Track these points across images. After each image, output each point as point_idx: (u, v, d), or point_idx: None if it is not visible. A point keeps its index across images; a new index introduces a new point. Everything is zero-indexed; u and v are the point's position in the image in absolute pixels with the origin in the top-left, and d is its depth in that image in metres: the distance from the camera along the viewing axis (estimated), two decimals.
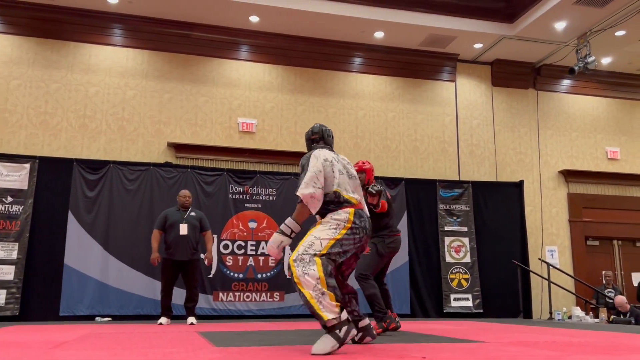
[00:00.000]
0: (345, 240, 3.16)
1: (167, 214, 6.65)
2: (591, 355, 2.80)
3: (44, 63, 8.46)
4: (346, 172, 3.44)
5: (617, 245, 10.57)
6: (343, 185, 3.33)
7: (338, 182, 3.30)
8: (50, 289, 7.39)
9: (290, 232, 3.19)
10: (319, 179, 3.22)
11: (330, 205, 3.27)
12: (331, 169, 3.31)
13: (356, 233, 3.22)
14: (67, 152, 8.21)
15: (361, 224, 3.26)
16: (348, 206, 3.27)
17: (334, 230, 3.16)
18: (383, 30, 9.23)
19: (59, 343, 3.55)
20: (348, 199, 3.30)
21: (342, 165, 3.44)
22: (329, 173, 3.30)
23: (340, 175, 3.35)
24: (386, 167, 9.50)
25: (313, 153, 3.36)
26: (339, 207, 3.25)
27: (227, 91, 9.12)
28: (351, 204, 3.29)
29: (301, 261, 3.01)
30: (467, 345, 3.49)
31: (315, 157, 3.30)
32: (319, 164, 3.26)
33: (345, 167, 3.46)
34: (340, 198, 3.28)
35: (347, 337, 2.91)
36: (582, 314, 8.31)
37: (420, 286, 8.84)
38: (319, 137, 3.60)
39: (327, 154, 3.39)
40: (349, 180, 3.42)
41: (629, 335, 4.51)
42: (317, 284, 2.93)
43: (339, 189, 3.30)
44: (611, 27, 8.92)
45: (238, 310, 8.00)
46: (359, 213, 3.28)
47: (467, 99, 10.23)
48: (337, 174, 3.32)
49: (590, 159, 10.62)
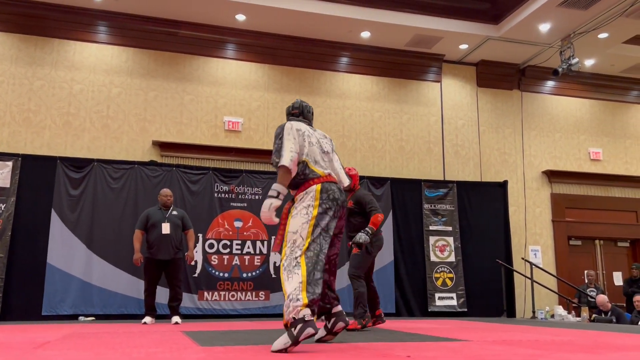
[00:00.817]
0: (320, 219, 3.21)
1: (149, 213, 6.61)
2: (573, 354, 2.83)
3: (27, 60, 8.36)
4: (318, 145, 3.50)
5: (599, 245, 10.71)
6: (312, 155, 3.40)
7: (307, 152, 3.38)
8: (32, 288, 7.30)
9: (277, 194, 3.26)
10: (295, 147, 3.34)
11: (297, 176, 3.34)
12: (302, 139, 3.41)
13: (328, 207, 3.26)
14: (50, 150, 8.12)
15: (329, 196, 3.29)
16: (313, 180, 3.32)
17: (306, 216, 3.20)
18: (369, 30, 9.26)
19: (41, 343, 3.51)
20: (314, 171, 3.35)
21: (315, 139, 3.51)
22: (300, 142, 3.39)
23: (310, 147, 3.42)
24: (372, 166, 9.53)
25: (287, 124, 3.45)
26: (305, 180, 3.33)
27: (213, 90, 9.08)
28: (317, 176, 3.34)
29: (287, 266, 3.12)
30: (451, 344, 3.51)
31: (287, 128, 3.41)
32: (293, 132, 3.38)
33: (319, 140, 3.54)
34: (306, 170, 3.35)
35: (301, 334, 2.93)
36: (565, 313, 8.41)
37: (405, 285, 8.88)
38: (298, 112, 3.72)
39: (300, 125, 3.49)
40: (320, 152, 3.48)
41: (610, 333, 4.57)
42: (297, 288, 3.02)
43: (307, 158, 3.37)
44: (594, 29, 9.03)
45: (223, 309, 7.97)
46: (325, 187, 3.31)
47: (453, 99, 10.29)
48: (307, 144, 3.41)
49: (573, 160, 10.75)
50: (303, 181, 3.33)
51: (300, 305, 2.97)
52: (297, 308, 2.97)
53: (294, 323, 2.96)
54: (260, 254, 8.30)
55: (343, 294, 7.65)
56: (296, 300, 2.99)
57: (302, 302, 2.98)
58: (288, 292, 3.03)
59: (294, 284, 3.03)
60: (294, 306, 2.98)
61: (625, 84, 11.19)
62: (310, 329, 2.95)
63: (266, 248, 8.32)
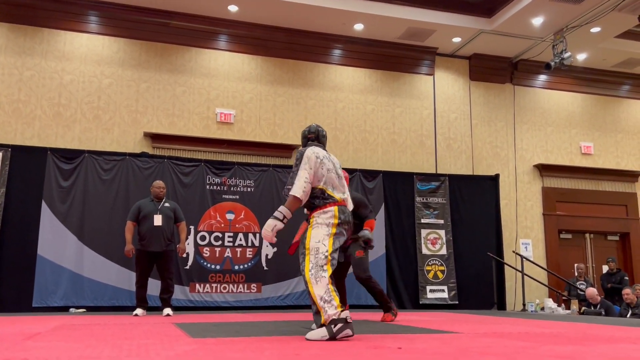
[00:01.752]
0: (337, 235, 3.51)
1: (141, 205, 6.58)
2: (563, 346, 2.85)
3: (16, 50, 8.27)
4: (335, 171, 3.70)
5: (589, 239, 10.79)
6: (330, 182, 3.61)
7: (325, 180, 3.59)
8: (23, 280, 7.26)
9: (282, 218, 3.50)
10: (310, 177, 3.53)
11: (315, 200, 3.56)
12: (321, 167, 3.60)
13: (344, 227, 3.56)
14: (40, 141, 8.06)
15: (345, 218, 3.56)
16: (331, 203, 3.55)
17: (327, 229, 3.47)
18: (363, 23, 9.23)
19: (31, 334, 3.49)
20: (332, 196, 3.58)
21: (332, 164, 3.70)
22: (318, 170, 3.58)
23: (329, 173, 3.62)
24: (364, 159, 9.53)
25: (307, 149, 3.64)
26: (323, 203, 3.55)
27: (205, 81, 9.03)
28: (335, 201, 3.57)
29: (315, 273, 3.33)
30: (442, 335, 3.53)
31: (307, 156, 3.59)
32: (311, 162, 3.56)
33: (334, 166, 3.73)
34: (324, 194, 3.57)
35: (340, 333, 3.15)
36: (555, 306, 8.47)
37: (396, 278, 8.91)
38: (314, 137, 3.88)
39: (319, 151, 3.66)
40: (336, 178, 3.68)
41: (599, 326, 4.61)
42: (327, 290, 3.26)
43: (325, 186, 3.58)
44: (587, 23, 9.05)
45: (215, 301, 7.97)
46: (342, 209, 3.58)
47: (445, 92, 10.30)
48: (325, 172, 3.60)
49: (565, 154, 10.80)
50: (321, 204, 3.56)
51: (336, 305, 3.22)
52: (336, 310, 3.20)
53: (335, 321, 3.18)
54: (252, 246, 8.29)
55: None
56: (330, 301, 3.23)
57: (335, 302, 3.23)
58: (319, 294, 3.26)
59: (323, 287, 3.27)
60: (329, 306, 3.21)
61: (616, 79, 11.24)
62: (349, 331, 3.20)
63: (258, 240, 8.32)
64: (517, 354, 2.46)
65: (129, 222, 6.51)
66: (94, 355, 2.40)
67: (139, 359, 2.27)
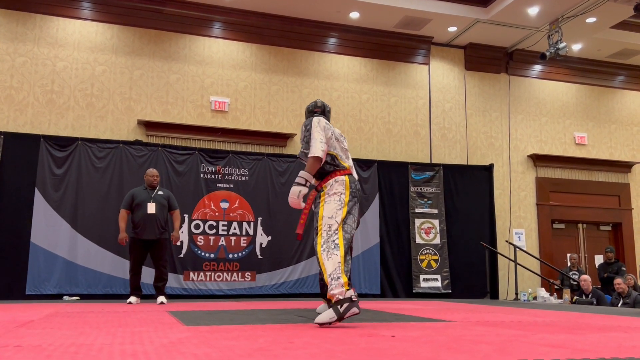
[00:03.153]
0: (351, 206, 3.53)
1: (134, 193, 6.54)
2: (555, 334, 2.88)
3: (8, 36, 8.19)
4: (340, 142, 3.74)
5: (582, 229, 10.85)
6: (337, 150, 3.66)
7: (335, 146, 3.65)
8: (16, 268, 7.25)
9: (305, 182, 3.50)
10: (324, 138, 3.58)
11: (326, 166, 3.60)
12: (330, 134, 3.66)
13: (355, 196, 3.59)
14: (33, 128, 8.01)
15: (356, 187, 3.62)
16: (341, 172, 3.59)
17: (339, 202, 3.47)
18: (358, 11, 9.18)
19: (24, 322, 3.49)
20: (342, 164, 3.62)
21: (336, 136, 3.73)
22: (328, 136, 3.63)
23: (336, 142, 3.68)
24: (359, 149, 9.53)
25: (314, 118, 3.69)
26: (334, 170, 3.59)
27: (200, 69, 8.98)
28: (344, 168, 3.62)
29: (327, 248, 3.35)
30: (435, 324, 3.55)
31: (316, 123, 3.63)
32: (321, 126, 3.62)
33: (338, 138, 3.76)
34: (335, 161, 3.61)
35: (347, 313, 3.19)
36: (547, 295, 8.53)
37: (390, 267, 8.95)
38: (320, 111, 3.94)
39: (325, 121, 3.71)
40: (341, 148, 3.72)
41: (590, 315, 4.64)
42: (337, 268, 3.27)
43: (335, 152, 3.63)
44: (582, 13, 9.04)
45: (209, 290, 7.99)
46: (352, 179, 3.63)
47: (440, 82, 10.29)
48: (334, 139, 3.67)
49: (559, 144, 10.83)
50: (331, 171, 3.59)
51: (343, 283, 3.23)
52: (342, 288, 3.22)
53: (341, 301, 3.20)
54: (246, 235, 8.29)
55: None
56: (337, 279, 3.24)
57: (343, 280, 3.24)
58: (329, 271, 3.28)
59: (334, 263, 3.28)
60: (336, 284, 3.23)
61: (611, 69, 11.25)
62: (355, 309, 3.22)
63: (252, 229, 8.32)
64: (509, 342, 2.48)
65: (123, 210, 6.48)
66: (87, 342, 2.40)
67: (132, 346, 2.27)
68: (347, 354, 2.03)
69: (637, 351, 2.19)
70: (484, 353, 2.10)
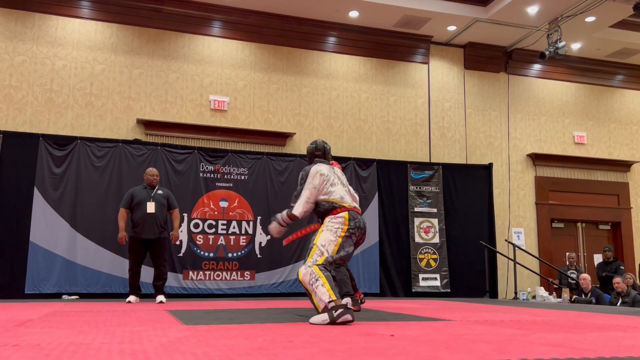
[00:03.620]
0: (345, 242, 3.75)
1: (134, 192, 6.53)
2: (554, 333, 2.88)
3: (7, 34, 8.18)
4: (339, 182, 4.00)
5: (581, 228, 10.85)
6: (338, 194, 3.88)
7: (332, 193, 3.87)
8: (15, 267, 7.24)
9: (285, 225, 4.01)
10: (312, 197, 3.87)
11: (325, 205, 3.87)
12: (327, 183, 3.89)
13: (353, 234, 3.79)
14: (32, 127, 8.00)
15: (356, 224, 3.81)
16: (341, 209, 3.82)
17: (334, 235, 3.73)
18: (358, 10, 9.18)
19: (23, 321, 3.49)
20: (341, 204, 3.84)
21: (336, 177, 4.00)
22: (324, 187, 3.88)
23: (334, 187, 3.91)
24: (358, 148, 9.52)
25: (312, 168, 3.95)
26: (333, 209, 3.83)
27: (199, 68, 8.97)
28: (344, 207, 3.83)
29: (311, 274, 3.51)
30: (434, 323, 3.55)
31: (312, 175, 3.90)
32: (315, 181, 3.88)
33: (339, 177, 4.03)
34: (334, 205, 3.84)
35: (340, 318, 3.28)
36: (546, 294, 8.53)
37: (389, 266, 8.95)
38: (321, 154, 4.18)
39: (324, 168, 3.96)
40: (342, 188, 3.97)
41: (589, 314, 4.65)
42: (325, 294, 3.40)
43: (334, 198, 3.86)
44: (582, 12, 9.04)
45: (208, 289, 7.99)
46: (352, 215, 3.81)
47: (440, 81, 10.28)
48: (330, 187, 3.89)
49: (558, 143, 10.83)
50: (331, 210, 3.84)
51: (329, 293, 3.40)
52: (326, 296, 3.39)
53: (335, 307, 3.32)
54: (245, 234, 8.29)
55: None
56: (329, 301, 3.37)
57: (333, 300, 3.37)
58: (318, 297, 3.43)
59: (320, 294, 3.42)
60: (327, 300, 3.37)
61: (610, 68, 11.25)
62: (349, 316, 3.31)
63: (252, 228, 8.32)
64: (508, 341, 2.48)
65: (122, 209, 6.47)
66: (86, 341, 2.40)
67: (131, 345, 2.27)
68: (346, 353, 2.04)
69: (636, 350, 2.20)
70: (483, 352, 2.10)
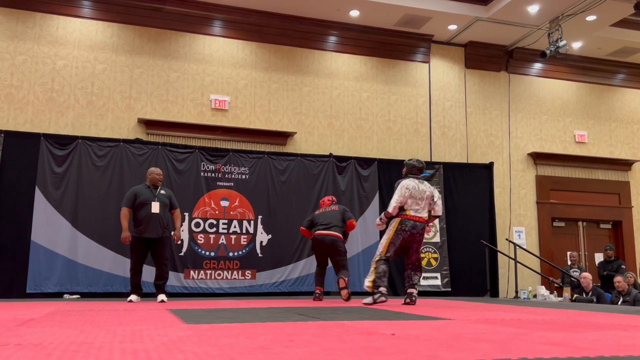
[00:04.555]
0: (394, 238, 5.57)
1: (137, 191, 6.49)
2: (554, 332, 2.88)
3: (8, 34, 8.19)
4: (418, 195, 5.61)
5: (582, 227, 10.85)
6: (410, 205, 5.59)
7: (408, 204, 5.58)
8: (16, 266, 7.26)
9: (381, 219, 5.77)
10: (400, 200, 5.58)
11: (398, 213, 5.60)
12: (408, 194, 5.58)
13: (400, 234, 5.56)
14: (33, 127, 8.01)
15: (404, 227, 5.55)
16: (400, 216, 5.57)
17: (386, 237, 5.62)
18: (358, 9, 9.18)
19: (25, 320, 3.49)
20: (405, 210, 5.58)
21: (417, 191, 5.61)
22: (406, 196, 5.58)
23: (410, 199, 5.58)
24: (359, 147, 9.53)
25: (403, 182, 5.65)
26: (396, 216, 5.58)
27: (200, 67, 8.98)
28: (404, 214, 5.57)
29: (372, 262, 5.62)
30: (435, 322, 3.55)
31: (401, 187, 5.62)
32: (402, 191, 5.59)
33: (420, 192, 5.63)
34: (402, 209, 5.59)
35: (377, 300, 5.36)
36: (547, 293, 8.54)
37: (390, 264, 8.88)
38: (417, 171, 5.82)
39: (409, 183, 5.64)
40: (417, 200, 5.60)
41: (590, 313, 4.65)
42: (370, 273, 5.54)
43: (406, 207, 5.59)
44: (582, 11, 9.03)
45: (209, 288, 8.00)
46: (404, 222, 5.56)
47: (441, 80, 10.28)
48: (408, 197, 5.58)
49: (559, 142, 10.83)
50: (395, 216, 5.60)
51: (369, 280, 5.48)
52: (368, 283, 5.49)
53: (376, 292, 5.38)
54: (246, 233, 8.30)
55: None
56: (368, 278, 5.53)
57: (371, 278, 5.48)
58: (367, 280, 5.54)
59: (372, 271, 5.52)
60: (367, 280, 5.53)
61: (611, 67, 11.25)
62: (383, 298, 5.40)
63: (252, 227, 8.33)
64: (509, 340, 2.48)
65: (125, 208, 6.40)
66: (87, 340, 2.40)
67: (132, 344, 2.28)
68: (347, 352, 2.04)
69: (636, 349, 2.20)
70: (483, 351, 2.10)
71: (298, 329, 3.00)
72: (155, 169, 6.65)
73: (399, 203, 5.53)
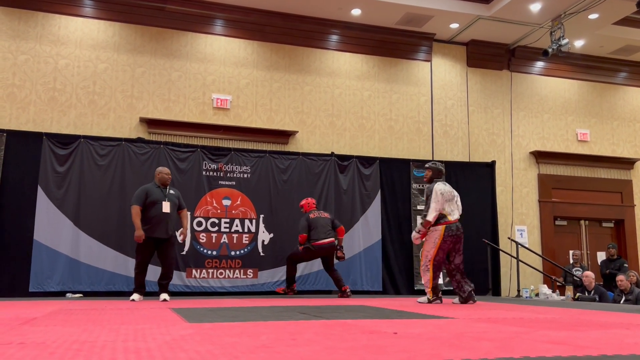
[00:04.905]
0: (442, 246, 5.78)
1: (148, 190, 6.41)
2: (556, 331, 2.88)
3: (10, 33, 8.20)
4: (450, 197, 5.88)
5: (584, 225, 10.83)
6: (447, 208, 5.82)
7: (443, 207, 5.80)
8: (19, 265, 7.27)
9: (419, 231, 5.88)
10: (437, 207, 5.76)
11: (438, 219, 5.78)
12: (442, 198, 5.79)
13: (446, 241, 5.79)
14: (36, 126, 8.02)
15: (449, 233, 5.78)
16: (443, 222, 5.78)
17: (433, 244, 5.81)
18: (360, 8, 9.17)
19: (28, 319, 3.50)
20: (446, 216, 5.80)
21: (449, 194, 5.88)
22: (442, 201, 5.77)
23: (446, 202, 5.82)
24: (361, 146, 9.52)
25: (435, 187, 5.86)
26: (439, 222, 5.78)
27: (202, 66, 8.98)
28: (447, 220, 5.79)
29: (422, 270, 5.93)
30: (437, 321, 3.55)
31: (436, 192, 5.80)
32: (438, 197, 5.78)
33: (450, 193, 5.92)
34: (442, 214, 5.79)
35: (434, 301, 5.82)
36: (549, 292, 8.53)
37: (392, 264, 8.95)
38: (442, 174, 6.19)
39: (442, 187, 5.87)
40: (450, 202, 5.87)
41: (592, 311, 4.65)
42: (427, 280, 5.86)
43: (444, 211, 5.81)
44: (585, 10, 9.01)
45: (211, 287, 8.00)
46: (449, 227, 5.78)
47: (442, 79, 10.27)
48: (444, 202, 5.79)
49: (561, 141, 10.81)
50: (437, 223, 5.79)
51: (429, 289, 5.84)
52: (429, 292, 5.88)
53: (434, 294, 5.85)
54: (248, 232, 8.30)
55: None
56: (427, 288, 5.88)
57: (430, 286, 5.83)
58: (424, 282, 5.89)
59: (426, 278, 5.85)
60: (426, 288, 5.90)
61: (613, 66, 11.22)
62: (439, 301, 5.87)
63: (254, 226, 8.33)
64: (511, 339, 2.48)
65: (137, 206, 6.31)
66: (90, 339, 2.41)
67: (135, 343, 2.28)
68: (349, 351, 2.04)
69: (638, 348, 2.20)
70: (485, 350, 2.10)
71: (300, 328, 3.01)
72: (164, 169, 6.63)
73: (438, 211, 5.74)
